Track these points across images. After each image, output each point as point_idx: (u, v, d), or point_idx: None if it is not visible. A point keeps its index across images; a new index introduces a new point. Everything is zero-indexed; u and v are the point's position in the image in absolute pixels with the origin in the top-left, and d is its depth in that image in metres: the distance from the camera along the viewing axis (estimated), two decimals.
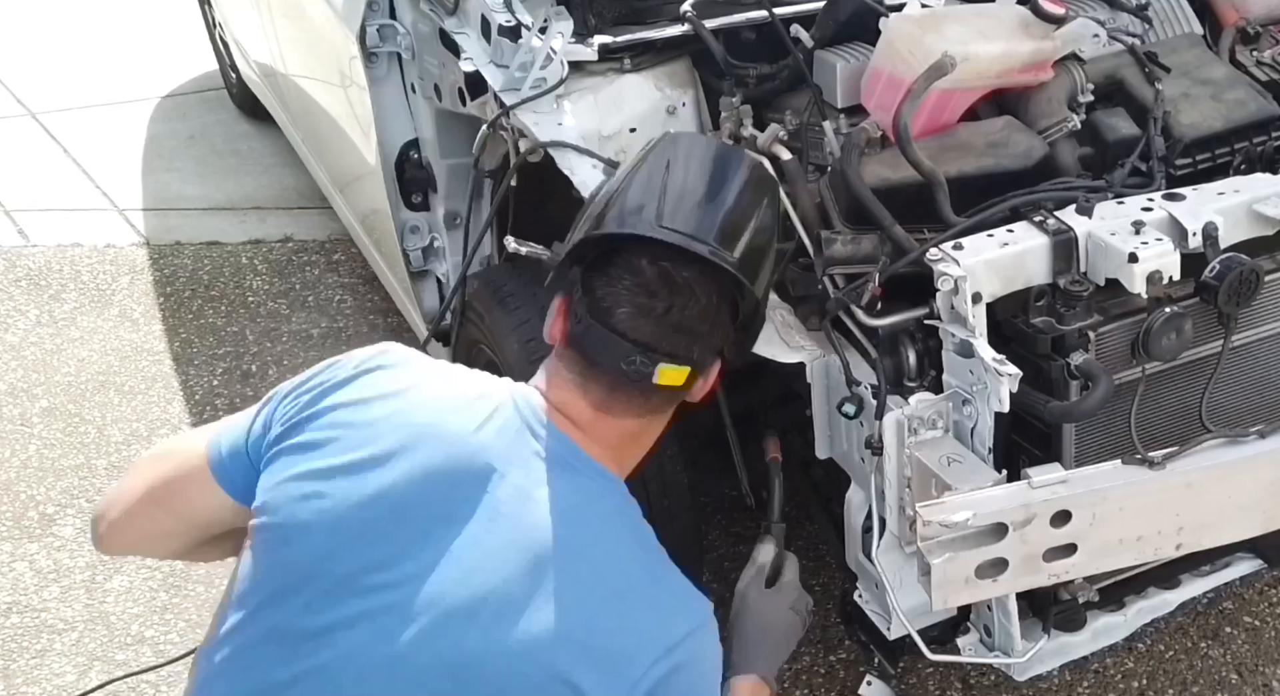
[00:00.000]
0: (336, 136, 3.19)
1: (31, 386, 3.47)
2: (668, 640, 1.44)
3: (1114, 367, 1.79)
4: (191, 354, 3.59)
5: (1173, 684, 2.44)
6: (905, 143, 1.86)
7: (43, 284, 3.99)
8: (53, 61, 5.77)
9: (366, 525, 1.43)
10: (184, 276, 4.01)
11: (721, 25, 2.23)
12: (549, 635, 1.39)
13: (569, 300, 1.55)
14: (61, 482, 3.10)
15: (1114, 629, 2.07)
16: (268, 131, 4.73)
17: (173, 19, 5.81)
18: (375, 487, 1.44)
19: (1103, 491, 1.71)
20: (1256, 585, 2.62)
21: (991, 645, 1.97)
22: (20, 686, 2.54)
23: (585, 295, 1.53)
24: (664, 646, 1.43)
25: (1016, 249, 1.76)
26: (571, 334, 1.54)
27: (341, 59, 2.80)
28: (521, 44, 2.17)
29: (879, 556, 1.87)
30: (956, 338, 1.75)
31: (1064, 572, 1.75)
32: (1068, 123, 2.03)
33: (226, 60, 5.00)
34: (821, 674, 2.49)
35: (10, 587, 2.78)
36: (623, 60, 2.23)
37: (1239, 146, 2.05)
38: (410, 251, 2.90)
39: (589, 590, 1.43)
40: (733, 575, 2.68)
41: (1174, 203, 1.83)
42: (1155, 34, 2.31)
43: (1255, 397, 1.96)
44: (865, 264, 1.85)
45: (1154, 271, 1.71)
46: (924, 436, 1.79)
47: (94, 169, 4.79)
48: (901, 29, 2.01)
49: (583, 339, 1.52)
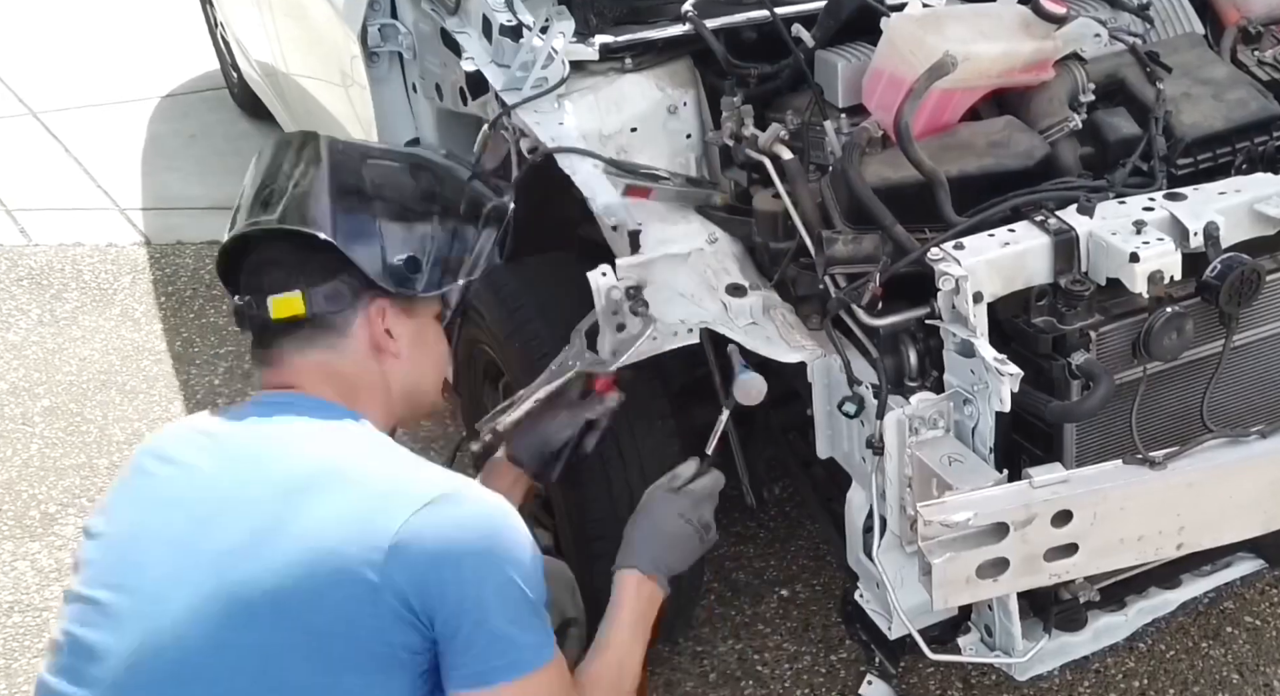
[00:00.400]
0: (338, 136, 3.18)
1: (33, 385, 3.47)
2: (418, 500, 1.45)
3: (1115, 367, 1.79)
4: (193, 353, 3.60)
5: (1174, 683, 2.44)
6: (906, 142, 1.86)
7: (44, 283, 4.00)
8: (54, 61, 5.78)
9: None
10: (185, 275, 4.01)
11: (723, 25, 2.23)
12: (309, 531, 1.43)
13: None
14: (63, 482, 3.10)
15: (1115, 628, 2.07)
16: (269, 131, 4.73)
17: (174, 18, 5.82)
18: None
19: (1104, 491, 1.71)
20: (1257, 585, 2.62)
21: (992, 645, 1.97)
22: (22, 685, 2.54)
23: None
24: (415, 504, 1.44)
25: (1018, 248, 1.76)
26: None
27: (343, 58, 2.80)
28: (523, 43, 2.17)
29: (880, 556, 1.87)
30: (957, 337, 1.75)
31: (1065, 572, 1.75)
32: (1069, 122, 2.03)
33: (228, 59, 5.00)
34: (822, 673, 2.49)
35: (12, 586, 2.78)
36: (624, 60, 2.23)
37: (1240, 146, 2.05)
38: None
39: (332, 483, 1.48)
40: (735, 574, 2.71)
41: (1175, 202, 1.83)
42: (1156, 33, 2.31)
43: (1256, 397, 1.96)
44: (866, 263, 1.85)
45: (1155, 271, 1.71)
46: (925, 436, 1.79)
47: (95, 168, 4.79)
48: (903, 29, 2.01)
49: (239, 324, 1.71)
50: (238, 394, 3.38)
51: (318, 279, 1.65)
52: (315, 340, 1.65)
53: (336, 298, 1.66)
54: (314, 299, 1.64)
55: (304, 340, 1.65)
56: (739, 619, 2.62)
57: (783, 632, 2.58)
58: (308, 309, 1.64)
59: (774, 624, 2.61)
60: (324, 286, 1.65)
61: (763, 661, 2.52)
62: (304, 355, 1.65)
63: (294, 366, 1.65)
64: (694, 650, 2.54)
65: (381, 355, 1.69)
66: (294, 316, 1.63)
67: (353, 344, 1.67)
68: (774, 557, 2.76)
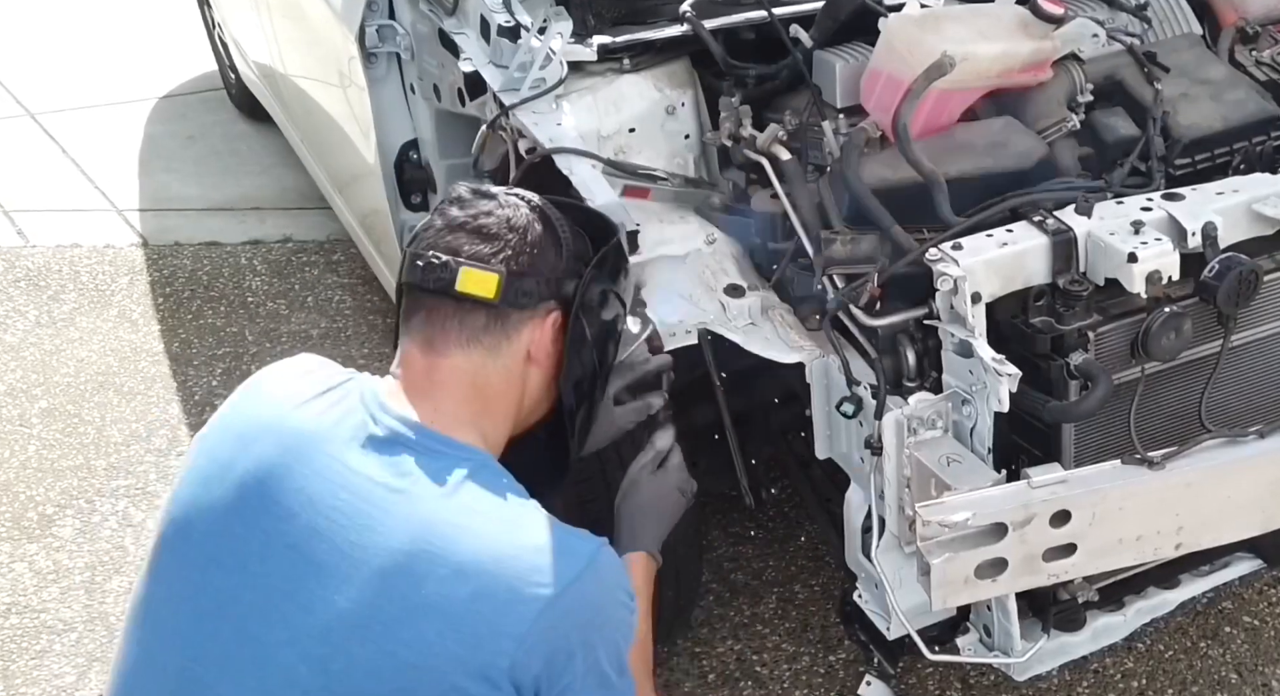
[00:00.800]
0: (336, 137, 3.19)
1: (31, 387, 3.47)
2: (547, 591, 1.38)
3: (1113, 367, 1.79)
4: (191, 354, 3.59)
5: (1172, 683, 2.44)
6: (905, 143, 1.86)
7: (42, 284, 3.99)
8: (52, 62, 5.77)
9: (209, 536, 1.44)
10: (183, 277, 4.01)
11: (721, 25, 2.23)
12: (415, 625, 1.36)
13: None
14: (61, 483, 3.09)
15: (1113, 629, 2.07)
16: (267, 132, 4.73)
17: (172, 19, 5.81)
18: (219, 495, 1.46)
19: (1102, 491, 1.71)
20: (1256, 585, 2.62)
21: (991, 645, 1.97)
22: (20, 687, 2.54)
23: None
24: (544, 600, 1.38)
25: (1016, 249, 1.76)
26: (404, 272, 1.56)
27: (341, 59, 2.80)
28: (520, 44, 2.17)
29: (878, 556, 1.87)
30: (956, 338, 1.75)
31: (1063, 572, 1.75)
32: (1067, 123, 2.03)
33: (226, 61, 4.99)
34: (821, 673, 2.49)
35: (9, 588, 2.78)
36: (622, 60, 2.23)
37: (1238, 146, 2.05)
38: None
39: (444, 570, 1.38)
40: (733, 575, 2.70)
41: (1173, 202, 1.83)
42: (1154, 34, 2.31)
43: (1255, 397, 1.97)
44: (864, 264, 1.85)
45: (1153, 271, 1.71)
46: (923, 436, 1.79)
47: (93, 169, 4.79)
48: (901, 29, 2.01)
49: (405, 270, 1.55)
50: None
51: (523, 267, 1.52)
52: (482, 337, 1.51)
53: (528, 295, 1.53)
54: (509, 289, 1.50)
55: (475, 332, 1.51)
56: (738, 619, 2.62)
57: (781, 633, 2.58)
58: (498, 297, 1.50)
59: (773, 624, 2.60)
60: (525, 280, 1.52)
61: (761, 662, 2.52)
62: (465, 352, 1.51)
63: (448, 364, 1.50)
64: (692, 651, 2.54)
65: (529, 364, 1.57)
66: (478, 297, 1.49)
67: (512, 349, 1.54)
68: (773, 558, 2.76)
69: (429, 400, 1.50)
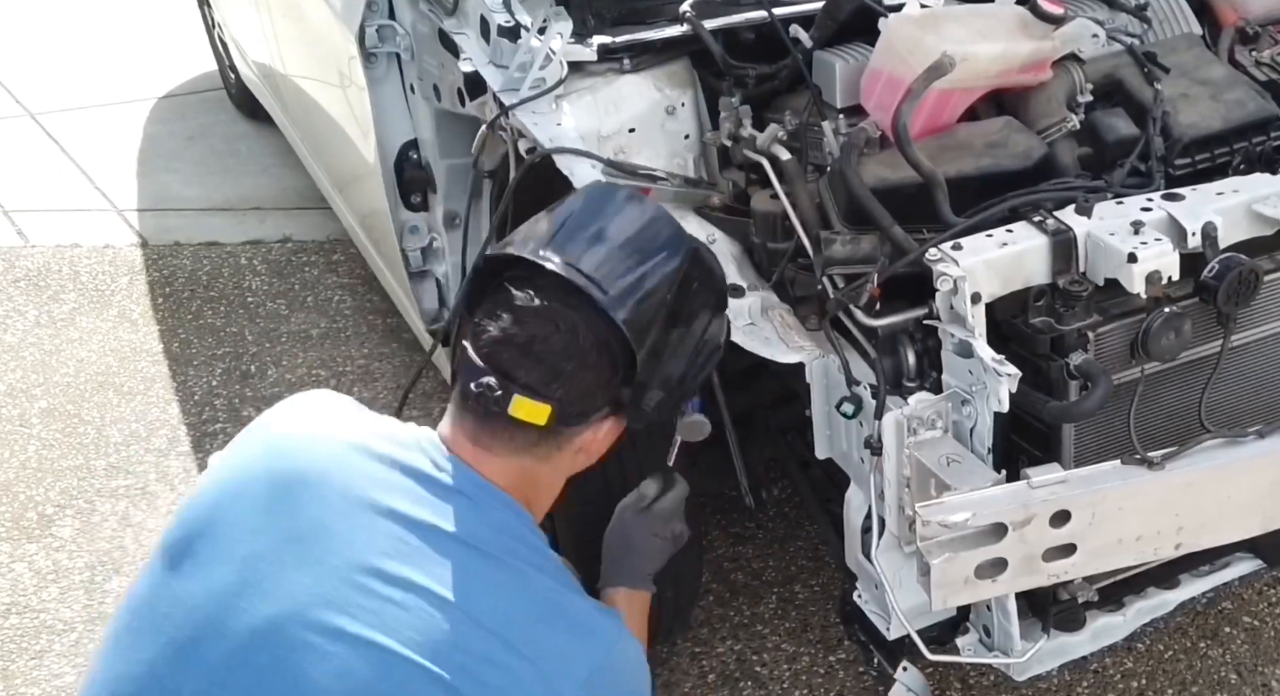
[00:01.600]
0: (336, 137, 3.19)
1: (30, 387, 3.47)
2: (579, 674, 1.43)
3: (1113, 368, 1.79)
4: (190, 354, 3.59)
5: (1172, 684, 2.44)
6: (904, 143, 1.86)
7: (41, 284, 3.99)
8: (51, 62, 5.77)
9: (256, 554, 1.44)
10: (183, 277, 4.01)
11: (721, 25, 2.23)
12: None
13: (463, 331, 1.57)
14: (60, 483, 3.09)
15: (1113, 629, 2.07)
16: (267, 132, 4.74)
17: (172, 19, 5.82)
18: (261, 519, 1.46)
19: (1102, 491, 1.71)
20: (1255, 585, 2.62)
21: (991, 645, 1.97)
22: (20, 687, 2.54)
23: (469, 323, 1.54)
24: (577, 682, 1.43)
25: (1016, 249, 1.76)
26: (457, 361, 1.55)
27: (340, 59, 2.80)
28: (520, 44, 2.17)
29: (878, 556, 1.87)
30: (956, 338, 1.75)
31: (1063, 573, 1.75)
32: (1067, 123, 2.03)
33: (225, 61, 5.00)
34: (821, 674, 2.49)
35: (9, 588, 2.78)
36: (622, 60, 2.23)
37: (1238, 146, 2.05)
38: (409, 252, 2.90)
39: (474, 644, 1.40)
40: (733, 575, 2.70)
41: (1173, 203, 1.83)
42: (1154, 34, 2.31)
43: (1254, 397, 1.97)
44: (864, 264, 1.85)
45: (1153, 271, 1.71)
46: (923, 436, 1.79)
47: (93, 169, 4.79)
48: (900, 29, 2.01)
49: (459, 366, 1.53)
50: (235, 396, 3.38)
51: (576, 392, 1.51)
52: (534, 449, 1.52)
53: (582, 415, 1.53)
54: (562, 415, 1.50)
55: (527, 445, 1.51)
56: (737, 619, 2.62)
57: (781, 633, 2.59)
58: (550, 425, 1.50)
59: (772, 624, 2.61)
60: (578, 404, 1.52)
61: (761, 662, 2.52)
62: (516, 458, 1.52)
63: (497, 461, 1.51)
64: (692, 651, 2.54)
65: (578, 457, 1.59)
66: (530, 424, 1.49)
67: (563, 455, 1.56)
68: (772, 558, 2.76)
69: (480, 467, 1.52)
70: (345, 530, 1.43)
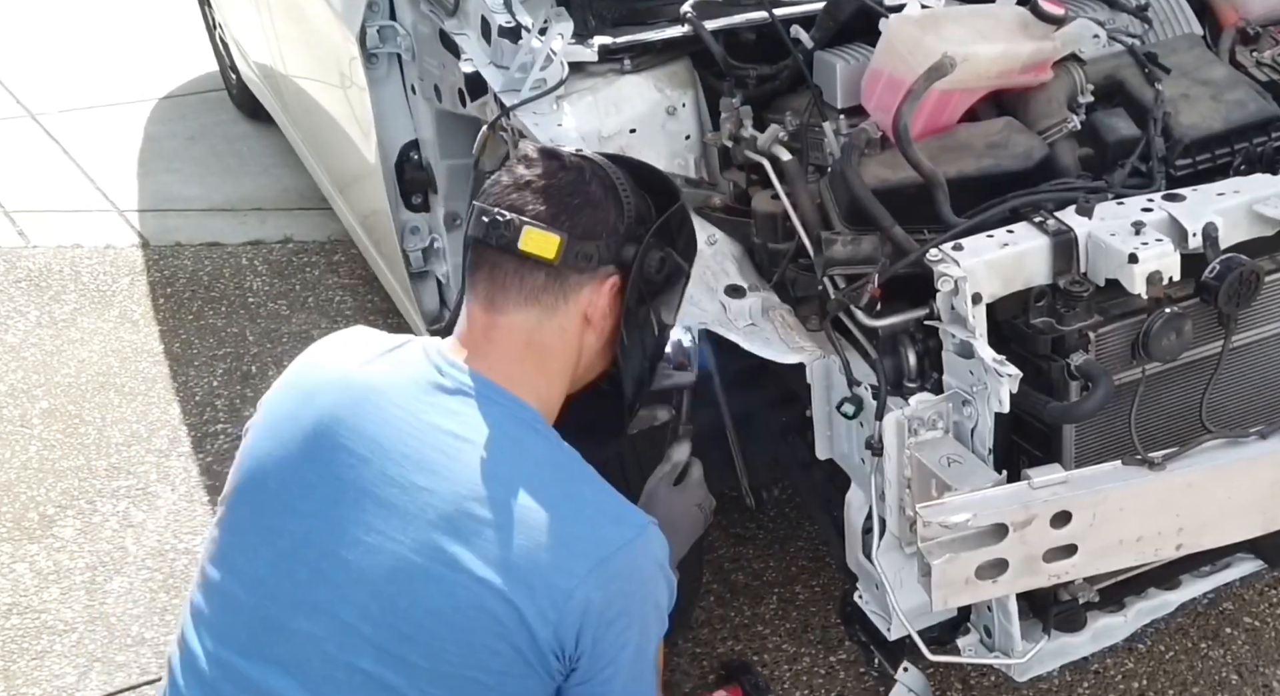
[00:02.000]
0: (337, 137, 3.19)
1: (32, 387, 3.47)
2: (599, 552, 1.46)
3: (1114, 368, 1.79)
4: (191, 355, 3.59)
5: (1173, 685, 2.44)
6: (905, 143, 1.86)
7: (43, 285, 3.99)
8: (53, 62, 5.78)
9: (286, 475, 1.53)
10: (184, 277, 4.01)
11: (721, 26, 2.23)
12: (476, 568, 1.43)
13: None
14: (62, 484, 3.10)
15: (1114, 629, 2.07)
16: (268, 132, 4.74)
17: (173, 20, 5.82)
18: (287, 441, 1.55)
19: (1103, 492, 1.71)
20: (1256, 586, 2.62)
21: (992, 646, 1.97)
22: (21, 687, 2.54)
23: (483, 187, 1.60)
24: (595, 558, 1.45)
25: (1016, 249, 1.76)
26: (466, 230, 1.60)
27: (342, 60, 2.80)
28: (521, 45, 2.17)
29: (879, 557, 1.87)
30: (956, 338, 1.75)
31: (1064, 573, 1.75)
32: (1068, 123, 2.03)
33: (226, 61, 5.00)
34: (822, 675, 2.49)
35: (10, 589, 2.78)
36: (623, 61, 2.23)
37: (1239, 147, 2.05)
38: (410, 252, 2.90)
39: (505, 518, 1.45)
40: (734, 576, 2.70)
41: (1174, 203, 1.83)
42: (1155, 34, 2.31)
43: (1255, 398, 1.97)
44: (865, 265, 1.85)
45: (1154, 272, 1.71)
46: (924, 437, 1.79)
47: (94, 170, 4.79)
48: (901, 30, 2.01)
49: (471, 224, 1.58)
50: (236, 396, 3.38)
51: (584, 230, 1.55)
52: (540, 296, 1.55)
53: (588, 258, 1.55)
54: (569, 251, 1.54)
55: (534, 290, 1.55)
56: (738, 620, 2.62)
57: (782, 634, 2.59)
58: (558, 258, 1.53)
59: (773, 625, 2.61)
60: (586, 243, 1.55)
61: (762, 663, 2.52)
62: (524, 311, 1.55)
63: (506, 322, 1.55)
64: (693, 651, 2.54)
65: (585, 326, 1.60)
66: (539, 257, 1.53)
67: (569, 310, 1.57)
68: (773, 559, 2.76)
69: (485, 358, 1.56)
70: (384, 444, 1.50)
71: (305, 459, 1.52)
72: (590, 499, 1.52)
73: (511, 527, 1.44)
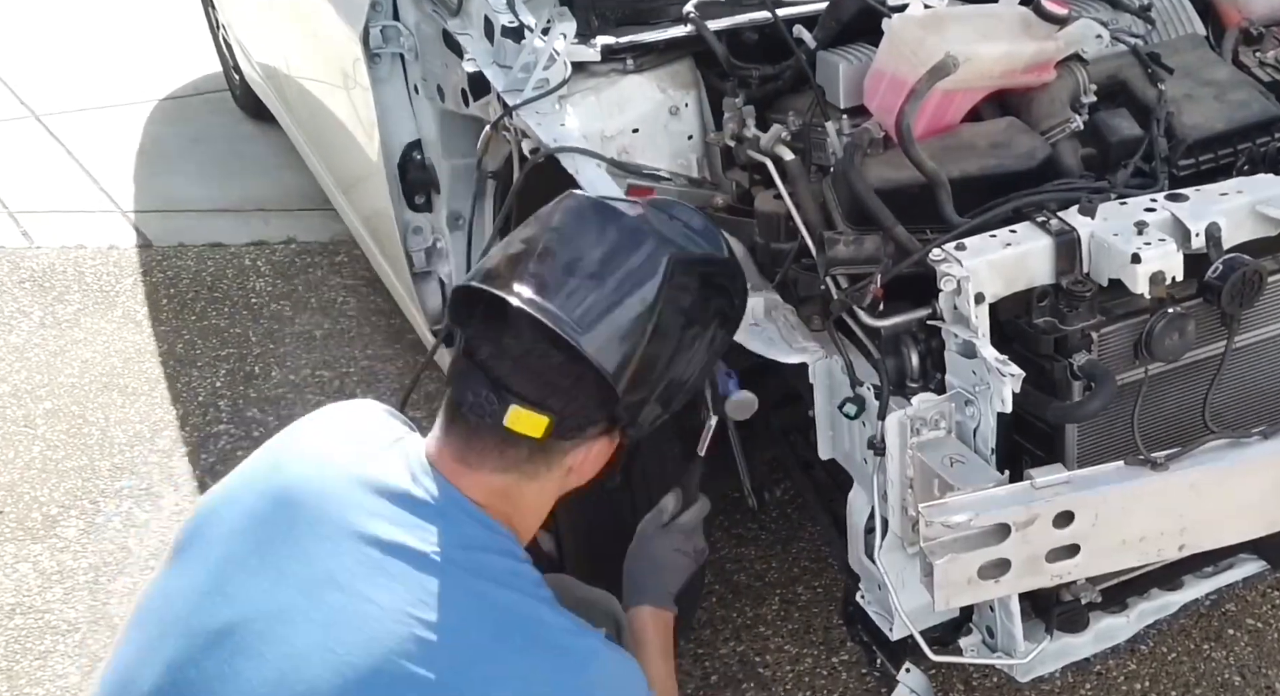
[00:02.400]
0: (340, 137, 3.19)
1: (35, 388, 3.47)
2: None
3: (1117, 368, 1.79)
4: (195, 355, 3.60)
5: (1175, 686, 2.44)
6: (908, 143, 1.86)
7: (46, 285, 4.00)
8: (56, 63, 5.78)
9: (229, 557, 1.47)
10: (187, 278, 4.01)
11: (724, 26, 2.23)
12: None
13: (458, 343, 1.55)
14: (65, 484, 3.10)
15: (1117, 630, 2.06)
16: (271, 133, 4.74)
17: (176, 21, 5.82)
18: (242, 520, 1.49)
19: (1105, 492, 1.71)
20: (1259, 587, 2.61)
21: (994, 646, 1.97)
22: (24, 687, 2.54)
23: (464, 336, 1.52)
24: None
25: (1019, 249, 1.76)
26: (449, 372, 1.53)
27: (345, 60, 2.80)
28: (524, 45, 2.17)
29: (881, 557, 1.87)
30: (959, 338, 1.75)
31: (1066, 573, 1.75)
32: (1070, 123, 2.03)
33: (230, 62, 5.00)
34: (824, 675, 2.49)
35: (14, 589, 2.78)
36: (625, 61, 2.23)
37: (1242, 147, 2.05)
38: (413, 252, 2.90)
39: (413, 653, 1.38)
40: (736, 576, 2.70)
41: (1177, 203, 1.83)
42: (1158, 35, 2.31)
43: (1258, 398, 1.96)
44: (868, 264, 1.85)
45: (1157, 272, 1.71)
46: (926, 437, 1.79)
47: (97, 171, 4.80)
48: (904, 30, 2.01)
49: (452, 376, 1.51)
50: (239, 397, 3.39)
51: (573, 409, 1.48)
52: (523, 466, 1.49)
53: (577, 430, 1.50)
54: (559, 428, 1.47)
55: (516, 460, 1.48)
56: (740, 621, 2.62)
57: (784, 634, 2.58)
58: (545, 436, 1.46)
59: (775, 626, 2.61)
60: (574, 419, 1.48)
61: (764, 663, 2.52)
62: (502, 474, 1.49)
63: (481, 478, 1.49)
64: (695, 652, 2.54)
65: (569, 476, 1.55)
66: (526, 436, 1.46)
67: (552, 473, 1.52)
68: (775, 559, 2.76)
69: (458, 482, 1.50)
70: (315, 549, 1.43)
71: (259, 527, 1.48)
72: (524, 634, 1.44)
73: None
